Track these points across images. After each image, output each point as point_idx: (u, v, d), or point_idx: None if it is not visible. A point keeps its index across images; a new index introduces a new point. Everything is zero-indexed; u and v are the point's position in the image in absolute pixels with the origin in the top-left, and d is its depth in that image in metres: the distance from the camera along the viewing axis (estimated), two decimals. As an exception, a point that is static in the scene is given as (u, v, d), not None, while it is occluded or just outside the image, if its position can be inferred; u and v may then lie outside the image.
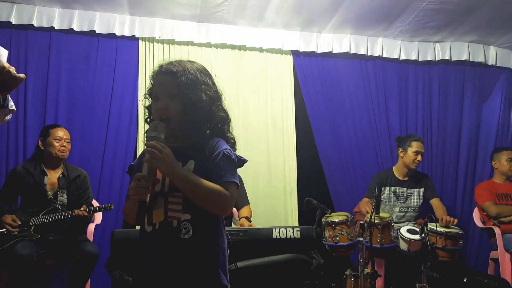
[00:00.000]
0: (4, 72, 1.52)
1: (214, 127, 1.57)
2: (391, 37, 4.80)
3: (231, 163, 1.52)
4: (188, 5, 4.12)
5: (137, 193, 1.38)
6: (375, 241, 3.36)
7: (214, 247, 1.49)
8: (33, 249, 3.17)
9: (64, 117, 4.11)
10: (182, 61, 1.59)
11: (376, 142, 4.77)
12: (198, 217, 1.47)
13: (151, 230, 1.50)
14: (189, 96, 1.51)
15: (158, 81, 1.56)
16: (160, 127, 1.46)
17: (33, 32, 4.14)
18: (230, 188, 1.48)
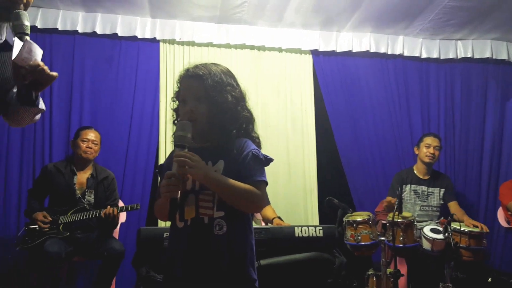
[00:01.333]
0: (38, 70, 1.58)
1: (239, 127, 1.61)
2: (412, 35, 4.77)
3: (260, 162, 1.57)
4: (208, 7, 4.16)
5: (168, 190, 1.43)
6: (398, 240, 3.34)
7: (244, 243, 1.54)
8: (62, 246, 3.26)
9: (88, 118, 4.21)
10: (207, 64, 1.63)
11: (398, 141, 4.74)
12: (231, 214, 1.52)
13: (182, 226, 1.55)
14: (215, 98, 1.56)
15: (185, 85, 1.62)
16: (187, 126, 1.51)
17: (57, 35, 4.24)
18: (260, 187, 1.54)
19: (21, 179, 4.01)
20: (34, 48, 1.59)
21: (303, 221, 4.43)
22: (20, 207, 3.93)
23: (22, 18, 1.61)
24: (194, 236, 1.52)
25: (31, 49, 1.58)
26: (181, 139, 1.49)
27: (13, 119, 1.85)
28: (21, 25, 1.60)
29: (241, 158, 1.55)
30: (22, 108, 1.76)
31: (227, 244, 1.50)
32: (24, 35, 1.60)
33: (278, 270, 2.76)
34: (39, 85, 1.66)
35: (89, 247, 3.46)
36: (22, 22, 1.61)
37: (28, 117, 1.83)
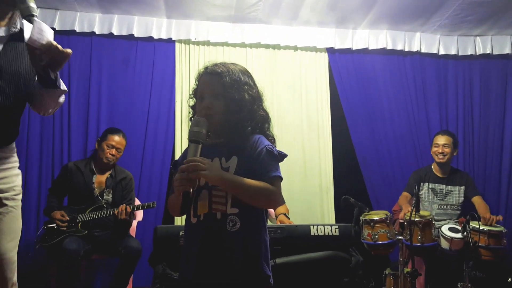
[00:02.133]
0: (52, 49, 1.62)
1: (255, 125, 1.62)
2: (429, 32, 4.71)
3: (274, 158, 1.58)
4: (223, 7, 4.17)
5: (181, 184, 1.45)
6: (416, 239, 3.30)
7: (258, 240, 1.54)
8: (80, 244, 3.31)
9: (106, 118, 4.27)
10: (226, 63, 1.66)
11: (415, 139, 4.69)
12: (245, 211, 1.53)
13: (196, 222, 1.56)
14: (232, 95, 1.57)
15: (203, 81, 1.64)
16: (202, 122, 1.53)
17: (75, 37, 4.30)
18: (275, 182, 1.55)
19: (41, 178, 4.10)
20: (45, 28, 1.62)
21: (319, 220, 4.42)
22: (39, 205, 4.01)
23: (27, 1, 1.62)
24: (207, 231, 1.53)
25: (42, 28, 1.61)
26: (195, 135, 1.50)
27: (40, 106, 1.88)
28: (27, 7, 1.61)
29: (255, 154, 1.56)
30: (45, 92, 1.79)
31: (241, 241, 1.50)
32: (31, 16, 1.61)
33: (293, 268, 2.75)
34: (56, 64, 1.69)
35: (107, 245, 3.50)
36: (27, 4, 1.61)
37: (53, 101, 1.86)
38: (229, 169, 1.55)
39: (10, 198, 1.82)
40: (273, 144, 1.64)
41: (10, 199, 1.81)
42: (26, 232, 3.92)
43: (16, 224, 1.84)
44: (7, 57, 1.73)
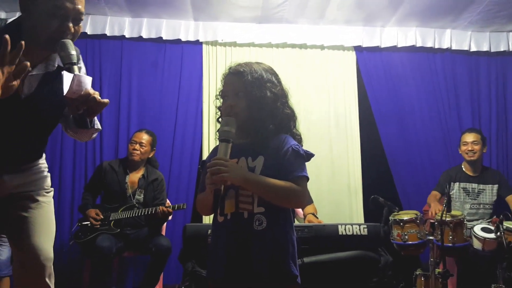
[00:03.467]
0: (90, 99, 1.64)
1: (279, 123, 1.62)
2: (460, 28, 4.61)
3: (300, 157, 1.58)
4: (249, 8, 4.20)
5: (213, 181, 1.47)
6: (447, 240, 3.24)
7: (285, 238, 1.54)
8: (113, 242, 3.40)
9: (136, 119, 4.37)
10: (250, 62, 1.68)
11: (447, 137, 4.60)
12: (271, 210, 1.53)
13: (223, 221, 1.58)
14: (254, 93, 1.58)
15: (227, 81, 1.67)
16: (231, 122, 1.55)
17: (106, 41, 4.42)
18: (302, 182, 1.56)
19: (74, 179, 4.22)
20: (83, 79, 1.62)
21: (348, 220, 4.38)
22: (73, 205, 4.14)
23: (68, 48, 1.62)
24: (234, 230, 1.54)
25: (80, 80, 1.61)
26: (225, 134, 1.53)
27: (73, 136, 1.97)
28: (68, 55, 1.62)
29: (281, 154, 1.56)
30: (80, 130, 1.87)
31: (268, 240, 1.51)
32: (71, 65, 1.62)
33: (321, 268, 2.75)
34: (92, 112, 1.71)
35: (138, 243, 3.59)
36: (69, 52, 1.62)
37: (86, 137, 1.94)
38: (255, 168, 1.56)
39: (41, 195, 1.90)
40: (300, 143, 1.65)
41: (41, 195, 1.90)
42: (60, 230, 4.05)
43: (49, 218, 1.92)
44: (44, 94, 1.77)
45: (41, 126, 1.86)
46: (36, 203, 1.87)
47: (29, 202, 1.86)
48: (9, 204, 1.84)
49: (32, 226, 1.83)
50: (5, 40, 1.43)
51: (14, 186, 1.83)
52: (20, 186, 1.84)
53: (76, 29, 1.69)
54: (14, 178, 1.83)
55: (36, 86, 1.74)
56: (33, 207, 1.86)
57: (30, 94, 1.73)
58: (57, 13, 1.62)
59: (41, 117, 1.82)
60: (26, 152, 1.86)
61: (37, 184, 1.90)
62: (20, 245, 1.83)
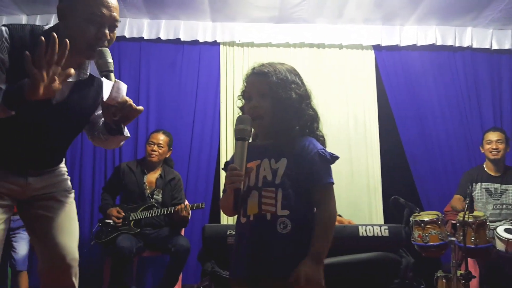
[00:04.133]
0: (126, 107, 1.68)
1: (304, 124, 1.61)
2: (481, 26, 4.55)
3: (327, 162, 1.58)
4: (267, 8, 4.19)
5: (232, 181, 1.48)
6: (469, 241, 3.19)
7: (309, 242, 1.51)
8: (133, 242, 3.44)
9: (154, 120, 4.40)
10: (273, 63, 1.66)
11: (468, 136, 4.53)
12: (296, 213, 1.52)
13: (245, 222, 1.57)
14: (279, 95, 1.57)
15: (251, 82, 1.65)
16: (246, 119, 1.55)
17: (125, 42, 4.45)
18: (329, 189, 1.56)
19: (94, 180, 4.27)
20: (121, 86, 1.67)
21: (367, 220, 4.34)
22: (93, 205, 4.18)
23: (106, 56, 1.66)
24: (256, 232, 1.53)
25: (119, 87, 1.66)
26: (241, 132, 1.52)
27: (102, 145, 2.01)
28: (106, 63, 1.66)
29: (309, 159, 1.55)
30: (110, 137, 1.89)
31: (292, 243, 1.50)
32: (109, 72, 1.66)
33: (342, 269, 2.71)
34: (127, 119, 1.75)
35: (158, 243, 3.60)
36: (106, 60, 1.66)
37: (115, 144, 1.98)
38: (278, 170, 1.55)
39: (64, 195, 1.94)
40: (324, 145, 1.64)
41: (63, 196, 1.94)
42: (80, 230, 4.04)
43: (72, 218, 1.96)
44: (75, 100, 1.81)
45: (68, 132, 1.91)
46: (59, 203, 1.91)
47: (53, 202, 1.89)
48: (32, 205, 1.87)
49: (58, 226, 1.87)
50: (53, 38, 1.46)
51: (37, 188, 1.86)
52: (43, 188, 1.88)
53: (111, 36, 1.72)
54: (38, 180, 1.86)
55: (68, 93, 1.78)
56: (56, 208, 1.89)
57: (61, 100, 1.76)
58: (94, 19, 1.65)
59: (70, 123, 1.86)
60: (52, 157, 1.90)
61: (59, 185, 1.94)
62: (46, 245, 1.86)
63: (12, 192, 1.81)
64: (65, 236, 1.87)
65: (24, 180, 1.82)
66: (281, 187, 1.53)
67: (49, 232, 1.85)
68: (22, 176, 1.81)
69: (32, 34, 1.68)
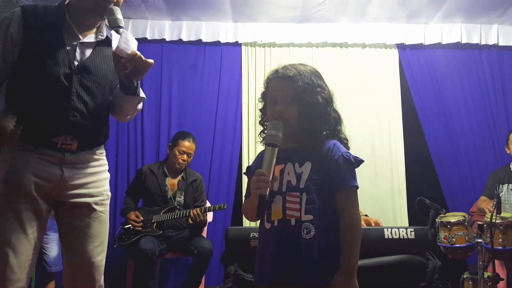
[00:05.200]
0: (136, 58, 1.71)
1: (328, 128, 1.59)
2: (507, 24, 4.46)
3: (352, 166, 1.55)
4: (288, 8, 4.17)
5: (258, 187, 1.44)
6: (497, 242, 3.11)
7: (335, 246, 1.49)
8: (155, 244, 3.44)
9: (176, 121, 4.41)
10: (296, 65, 1.63)
11: (494, 136, 4.43)
12: (320, 218, 1.49)
13: (270, 227, 1.55)
14: (306, 100, 1.54)
15: (275, 86, 1.61)
16: (279, 126, 1.51)
17: (147, 44, 4.47)
18: (353, 193, 1.54)
19: (117, 182, 4.28)
20: (130, 38, 1.71)
21: (392, 222, 4.29)
22: (116, 208, 4.19)
23: (116, 13, 1.75)
24: (281, 238, 1.51)
25: (128, 39, 1.70)
26: (272, 138, 1.48)
27: (120, 112, 1.98)
28: (115, 19, 1.74)
29: (333, 162, 1.52)
30: (125, 98, 1.88)
31: (316, 248, 1.47)
32: (119, 28, 1.73)
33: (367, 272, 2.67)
34: (138, 73, 1.77)
35: (180, 245, 3.61)
36: (116, 16, 1.74)
37: (132, 107, 1.94)
38: (302, 174, 1.53)
39: (100, 204, 1.89)
40: (347, 147, 1.61)
41: (99, 204, 1.89)
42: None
43: (104, 228, 1.92)
44: (96, 61, 1.86)
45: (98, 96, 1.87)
46: (94, 213, 1.86)
47: (88, 211, 1.85)
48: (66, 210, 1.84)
49: (89, 239, 1.84)
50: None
51: (74, 186, 1.81)
52: (80, 187, 1.83)
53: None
54: (75, 174, 1.82)
55: (88, 54, 1.85)
56: (91, 218, 1.85)
57: (83, 62, 1.83)
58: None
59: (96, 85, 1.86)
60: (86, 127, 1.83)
61: (97, 187, 1.89)
62: (74, 256, 1.84)
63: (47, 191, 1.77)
64: (94, 249, 1.85)
65: (60, 173, 1.78)
66: (305, 191, 1.51)
67: (79, 244, 1.83)
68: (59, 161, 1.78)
69: (45, 7, 1.83)
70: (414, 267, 2.78)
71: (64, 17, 1.82)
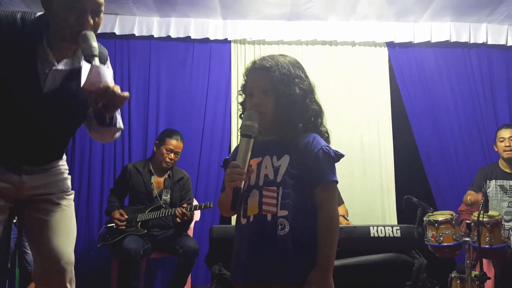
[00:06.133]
0: (109, 92, 1.58)
1: (307, 120, 1.55)
2: (496, 22, 4.45)
3: (331, 160, 1.52)
4: (278, 5, 4.14)
5: (232, 179, 1.41)
6: (484, 241, 3.11)
7: (311, 243, 1.46)
8: (140, 244, 3.39)
9: (164, 119, 4.37)
10: (275, 56, 1.59)
11: (483, 134, 4.44)
12: (295, 214, 1.46)
13: (245, 223, 1.52)
14: (282, 91, 1.51)
15: (252, 77, 1.58)
16: (254, 116, 1.48)
17: (134, 41, 4.43)
18: (332, 187, 1.51)
19: (103, 179, 4.24)
20: (102, 70, 1.57)
21: (380, 220, 4.28)
22: (102, 205, 4.15)
23: (89, 40, 1.60)
24: (257, 234, 1.48)
25: (99, 72, 1.56)
26: (247, 129, 1.46)
27: (96, 138, 1.94)
28: (89, 47, 1.59)
29: (312, 156, 1.49)
30: (101, 128, 1.82)
31: (291, 245, 1.44)
32: (92, 57, 1.59)
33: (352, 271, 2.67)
34: (112, 106, 1.64)
35: (166, 244, 3.57)
36: (90, 44, 1.60)
37: (108, 136, 1.89)
38: (280, 168, 1.50)
39: (62, 197, 1.88)
40: (328, 141, 1.58)
41: (61, 198, 1.87)
42: (89, 232, 4.10)
43: (68, 221, 1.89)
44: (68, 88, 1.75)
45: (63, 124, 1.83)
46: (56, 206, 1.85)
47: (50, 205, 1.84)
48: (29, 207, 1.83)
49: (53, 230, 1.81)
50: None
51: (33, 187, 1.80)
52: (39, 187, 1.82)
53: (97, 20, 1.67)
54: (34, 179, 1.80)
55: (60, 81, 1.73)
56: (53, 210, 1.84)
57: (53, 89, 1.72)
58: (74, 6, 1.61)
59: (63, 114, 1.79)
60: (46, 151, 1.82)
61: (57, 186, 1.87)
62: (40, 249, 1.81)
63: (7, 191, 1.75)
64: (59, 240, 1.81)
65: (18, 178, 1.76)
66: (281, 185, 1.48)
67: (43, 235, 1.80)
68: (16, 173, 1.76)
69: (23, 19, 1.68)
70: (400, 265, 2.78)
71: (41, 42, 1.67)
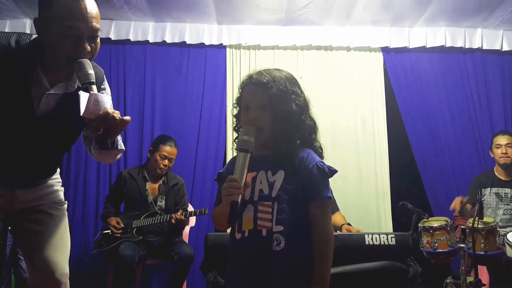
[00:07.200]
0: (109, 118, 1.57)
1: (302, 136, 1.56)
2: (491, 28, 4.46)
3: (325, 176, 1.53)
4: (273, 10, 4.14)
5: (229, 193, 1.40)
6: (479, 247, 3.12)
7: (306, 258, 1.47)
8: (135, 250, 3.39)
9: (159, 125, 4.36)
10: (271, 70, 1.59)
11: (478, 141, 4.44)
12: (290, 229, 1.47)
13: (240, 237, 1.51)
14: (279, 107, 1.51)
15: (249, 92, 1.58)
16: (251, 131, 1.48)
17: (130, 46, 4.43)
18: (326, 204, 1.52)
19: (99, 186, 4.22)
20: (101, 98, 1.56)
21: (376, 227, 4.28)
22: (97, 212, 4.14)
23: (85, 68, 1.59)
24: (252, 249, 1.48)
25: (98, 99, 1.55)
26: (245, 144, 1.46)
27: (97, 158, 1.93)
28: (85, 75, 1.59)
29: (307, 172, 1.50)
30: (103, 151, 1.82)
31: (286, 260, 1.44)
32: (89, 84, 1.58)
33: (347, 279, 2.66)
34: (113, 132, 1.64)
35: (161, 250, 3.57)
36: (86, 71, 1.59)
37: (110, 158, 1.89)
38: (275, 183, 1.50)
39: (54, 208, 1.90)
40: (321, 157, 1.58)
41: (54, 208, 1.89)
42: (85, 238, 4.08)
43: (64, 232, 1.90)
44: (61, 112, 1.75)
45: (56, 145, 1.86)
46: (49, 217, 1.86)
47: (42, 215, 1.85)
48: (22, 219, 1.84)
49: (46, 240, 1.82)
50: None
51: (26, 200, 1.82)
52: (32, 200, 1.84)
53: (93, 46, 1.65)
54: (27, 192, 1.83)
55: (53, 105, 1.73)
56: (46, 221, 1.85)
57: (46, 112, 1.72)
58: (70, 33, 1.59)
59: (57, 136, 1.81)
60: (39, 170, 1.86)
61: (49, 198, 1.89)
62: (34, 260, 1.82)
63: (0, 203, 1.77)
64: (53, 251, 1.82)
65: (11, 192, 1.78)
66: (276, 200, 1.48)
67: (37, 247, 1.81)
68: (9, 188, 1.78)
69: (18, 43, 1.66)
70: (395, 273, 2.77)
71: (35, 68, 1.66)
